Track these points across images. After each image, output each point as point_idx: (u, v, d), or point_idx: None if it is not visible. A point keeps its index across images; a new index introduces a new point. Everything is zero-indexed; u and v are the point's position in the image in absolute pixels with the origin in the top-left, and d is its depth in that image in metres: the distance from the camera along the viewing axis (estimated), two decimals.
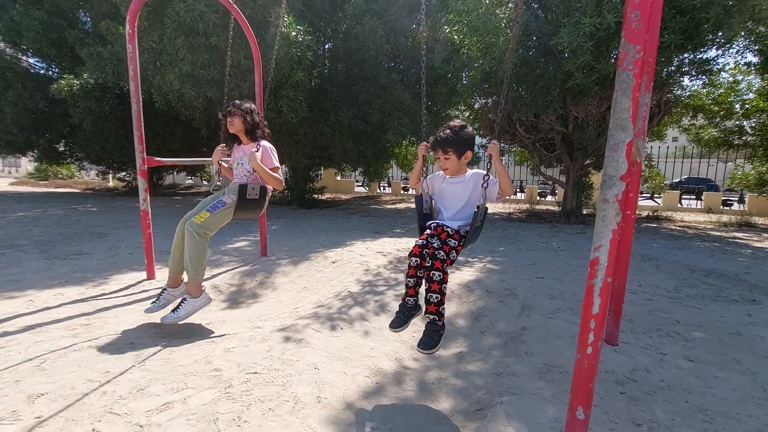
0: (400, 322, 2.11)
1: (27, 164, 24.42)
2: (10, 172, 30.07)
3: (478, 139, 7.38)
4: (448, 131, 2.08)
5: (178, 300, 2.71)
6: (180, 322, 2.65)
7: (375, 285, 3.55)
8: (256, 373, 2.05)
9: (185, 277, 2.70)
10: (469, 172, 2.18)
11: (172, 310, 2.65)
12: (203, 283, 2.77)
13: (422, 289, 2.10)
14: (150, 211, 3.70)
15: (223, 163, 3.07)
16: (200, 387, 1.93)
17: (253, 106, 2.93)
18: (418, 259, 2.05)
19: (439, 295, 1.96)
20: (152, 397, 1.85)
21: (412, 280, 2.11)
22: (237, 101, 2.88)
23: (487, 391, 2.06)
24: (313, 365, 2.15)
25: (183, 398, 1.84)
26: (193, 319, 2.87)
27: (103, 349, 2.33)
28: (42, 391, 1.87)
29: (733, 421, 1.81)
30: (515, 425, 1.69)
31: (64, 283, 3.54)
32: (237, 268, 4.14)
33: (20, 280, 3.55)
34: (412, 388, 2.12)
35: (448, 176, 2.19)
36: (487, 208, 2.10)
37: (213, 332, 2.70)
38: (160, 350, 2.35)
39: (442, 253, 1.95)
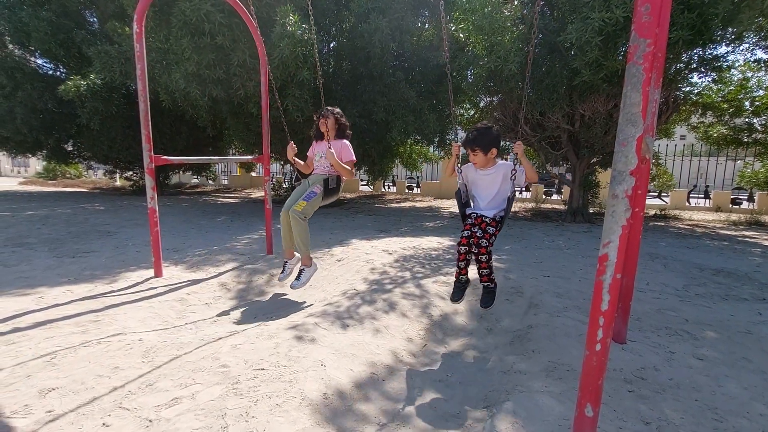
0: (458, 295, 2.68)
1: (36, 164, 24.70)
2: (19, 172, 30.43)
3: None
4: (475, 132, 2.52)
5: (297, 272, 3.43)
6: (302, 288, 3.39)
7: (381, 283, 3.56)
8: (263, 369, 2.05)
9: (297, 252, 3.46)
10: (498, 164, 2.57)
11: (296, 279, 3.35)
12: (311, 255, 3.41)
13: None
14: (157, 210, 3.73)
15: (297, 159, 3.61)
16: (208, 383, 1.94)
17: (341, 112, 3.48)
18: (466, 247, 2.53)
19: (488, 270, 2.56)
20: (161, 393, 1.86)
21: (462, 263, 2.62)
22: (331, 107, 3.42)
23: (494, 389, 2.06)
24: (319, 362, 2.16)
25: (191, 393, 1.85)
26: (201, 315, 2.89)
27: (111, 345, 2.35)
28: (53, 385, 1.90)
29: (744, 420, 1.78)
30: (522, 423, 1.68)
31: (73, 280, 3.57)
32: (244, 266, 4.16)
33: (30, 278, 3.59)
34: (418, 386, 2.12)
35: (479, 168, 2.58)
36: (515, 194, 2.55)
37: (221, 329, 2.72)
38: (168, 346, 2.37)
39: (485, 240, 2.46)
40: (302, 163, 3.62)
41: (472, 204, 2.69)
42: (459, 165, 2.64)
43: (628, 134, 1.28)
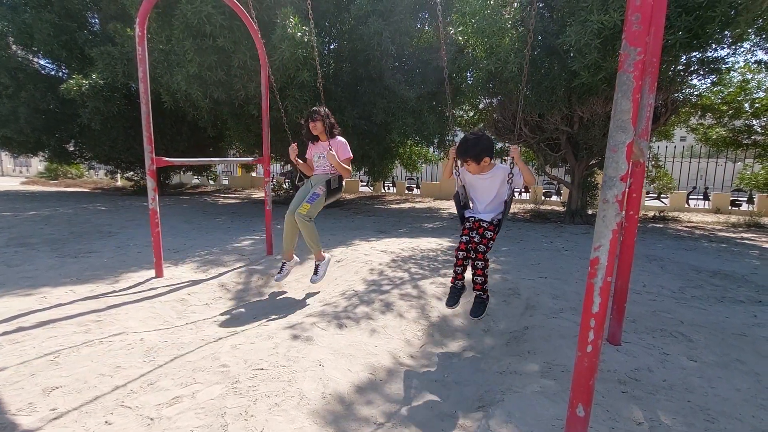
0: (453, 300, 2.64)
1: (37, 164, 24.78)
2: (21, 172, 30.52)
3: None
4: (466, 143, 2.49)
5: (314, 267, 3.57)
6: (319, 282, 3.56)
7: (380, 284, 3.59)
8: (262, 369, 2.09)
9: (295, 255, 3.68)
10: (495, 167, 2.56)
11: (313, 274, 3.52)
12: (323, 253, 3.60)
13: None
14: (158, 210, 3.77)
15: (299, 160, 3.63)
16: (208, 382, 1.98)
17: (328, 110, 3.50)
18: (464, 252, 2.53)
19: (482, 278, 2.52)
20: (162, 392, 1.90)
21: (459, 268, 2.61)
22: (316, 108, 3.45)
23: (489, 389, 2.09)
24: (318, 362, 2.19)
25: (192, 393, 1.88)
26: (201, 315, 2.92)
27: (113, 344, 2.39)
28: (56, 384, 1.93)
29: (736, 422, 1.81)
30: (516, 422, 1.71)
31: (75, 280, 3.61)
32: (243, 266, 4.19)
33: (33, 278, 3.63)
34: (415, 386, 2.16)
35: (474, 173, 2.57)
36: (512, 197, 2.56)
37: (221, 329, 2.76)
38: (169, 346, 2.40)
39: (483, 246, 2.45)
40: (302, 163, 3.68)
41: (471, 206, 2.69)
42: (457, 168, 2.63)
43: (619, 140, 1.32)
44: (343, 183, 3.60)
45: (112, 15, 9.81)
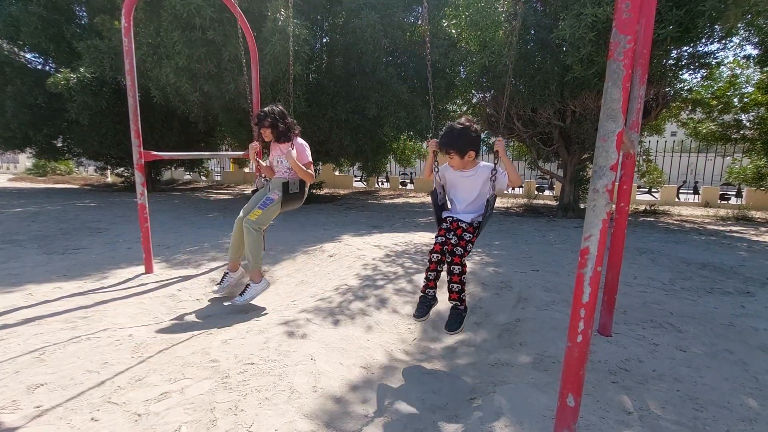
0: (422, 312, 2.31)
1: (25, 161, 24.34)
2: (8, 169, 29.94)
3: None
4: (450, 134, 2.21)
5: (243, 286, 3.07)
6: (246, 303, 3.02)
7: (373, 279, 3.58)
8: (252, 363, 2.07)
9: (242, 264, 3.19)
10: (479, 165, 2.29)
11: (239, 294, 3.01)
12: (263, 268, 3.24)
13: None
14: (147, 206, 3.71)
15: (261, 162, 3.36)
16: (198, 377, 1.95)
17: (280, 110, 3.09)
18: (439, 255, 2.22)
19: (459, 285, 2.21)
20: (150, 387, 1.87)
21: (432, 273, 2.28)
22: (265, 110, 3.03)
23: (481, 381, 2.09)
24: (309, 356, 2.18)
25: (180, 388, 1.86)
26: (192, 311, 2.89)
27: (101, 341, 2.35)
28: (41, 381, 1.90)
29: (724, 410, 1.83)
30: (508, 414, 1.71)
31: (62, 277, 3.55)
32: None
33: (19, 274, 3.57)
34: (407, 379, 2.15)
35: (457, 170, 2.30)
36: (495, 195, 2.27)
37: (211, 325, 2.73)
38: (158, 342, 2.37)
39: (460, 249, 2.17)
40: (265, 165, 3.37)
41: (449, 206, 2.41)
42: (437, 165, 2.38)
43: (609, 130, 1.31)
44: (306, 189, 3.22)
45: (99, 8, 9.61)
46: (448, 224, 2.28)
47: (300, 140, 3.17)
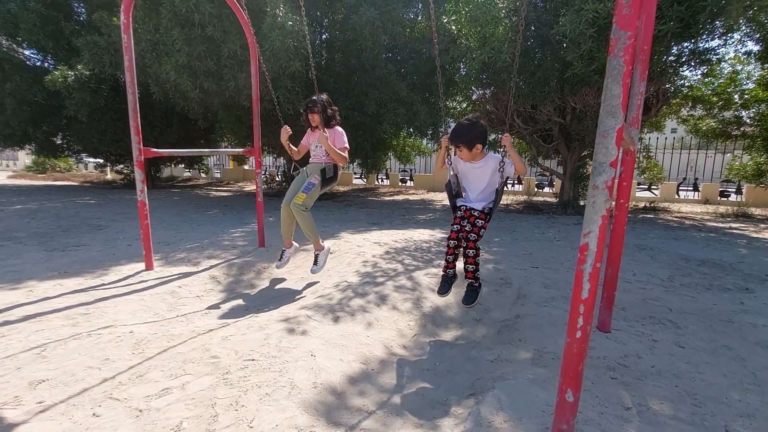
0: (445, 288, 2.66)
1: (25, 158, 24.31)
2: (8, 166, 29.91)
3: None
4: (459, 128, 2.48)
5: (314, 257, 3.57)
6: (320, 272, 3.59)
7: (373, 275, 3.58)
8: (253, 359, 2.08)
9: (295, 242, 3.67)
10: (487, 156, 2.55)
11: (314, 264, 3.52)
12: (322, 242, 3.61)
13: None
14: (147, 203, 3.72)
15: (291, 145, 3.54)
16: (198, 373, 1.96)
17: (327, 98, 3.42)
18: (455, 241, 2.55)
19: (474, 266, 2.54)
20: (151, 383, 1.88)
21: (451, 257, 2.63)
22: (314, 98, 3.34)
23: (481, 377, 2.10)
24: (309, 352, 2.19)
25: (181, 384, 1.87)
26: (192, 307, 2.89)
27: (102, 337, 2.36)
28: (43, 377, 1.90)
29: (722, 405, 1.84)
30: (507, 409, 1.72)
31: (63, 273, 3.56)
32: (235, 258, 4.16)
33: (20, 271, 3.57)
34: (406, 374, 2.16)
35: (466, 161, 2.56)
36: (504, 185, 2.54)
37: (211, 321, 2.74)
38: (158, 338, 2.38)
39: (474, 234, 2.48)
40: (295, 149, 3.62)
41: (463, 195, 2.70)
42: (449, 156, 2.65)
43: (609, 126, 1.31)
44: (338, 172, 3.58)
45: (98, 4, 9.57)
46: (462, 212, 2.57)
47: (339, 128, 3.47)
